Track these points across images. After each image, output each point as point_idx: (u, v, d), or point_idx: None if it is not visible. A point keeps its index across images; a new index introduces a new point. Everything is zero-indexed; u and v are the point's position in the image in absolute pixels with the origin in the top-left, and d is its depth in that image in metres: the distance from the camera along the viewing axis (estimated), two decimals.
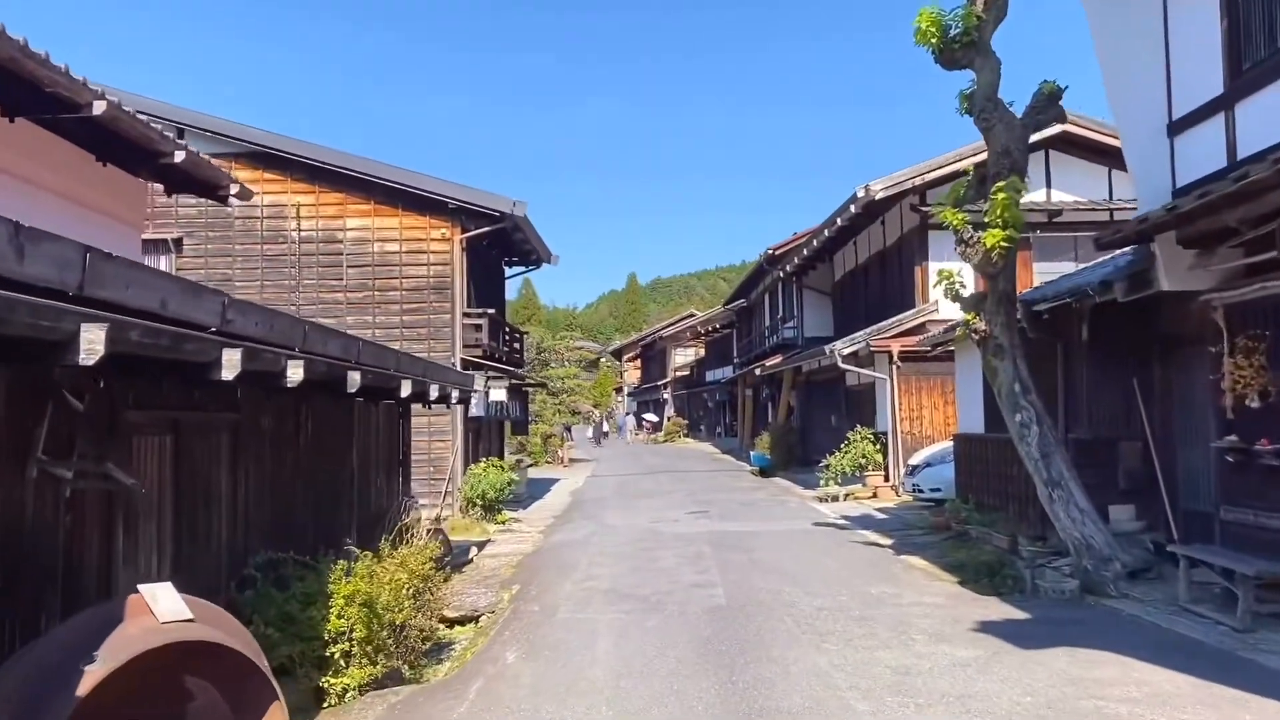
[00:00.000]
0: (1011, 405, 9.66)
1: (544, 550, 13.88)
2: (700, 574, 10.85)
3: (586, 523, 17.03)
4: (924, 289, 20.47)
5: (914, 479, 17.02)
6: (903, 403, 19.54)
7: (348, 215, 18.60)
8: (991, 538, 11.80)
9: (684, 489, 23.01)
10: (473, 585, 11.50)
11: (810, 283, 29.89)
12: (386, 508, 12.51)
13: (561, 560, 12.57)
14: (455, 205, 18.23)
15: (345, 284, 18.47)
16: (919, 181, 19.88)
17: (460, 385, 12.51)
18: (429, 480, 18.14)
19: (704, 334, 50.68)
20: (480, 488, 17.35)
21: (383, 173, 18.19)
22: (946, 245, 20.93)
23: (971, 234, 9.68)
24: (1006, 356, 9.68)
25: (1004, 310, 9.73)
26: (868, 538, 13.66)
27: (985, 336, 9.73)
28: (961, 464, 14.09)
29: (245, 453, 7.22)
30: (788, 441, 27.70)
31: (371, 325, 18.41)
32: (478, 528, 17.01)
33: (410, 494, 15.25)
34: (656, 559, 12.11)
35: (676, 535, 14.37)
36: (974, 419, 13.41)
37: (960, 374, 14.39)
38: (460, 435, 18.19)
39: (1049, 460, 9.43)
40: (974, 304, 9.91)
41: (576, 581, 10.81)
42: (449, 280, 18.39)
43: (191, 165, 10.40)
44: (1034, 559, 10.33)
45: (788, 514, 17.09)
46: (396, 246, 18.55)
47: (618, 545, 13.64)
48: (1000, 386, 9.75)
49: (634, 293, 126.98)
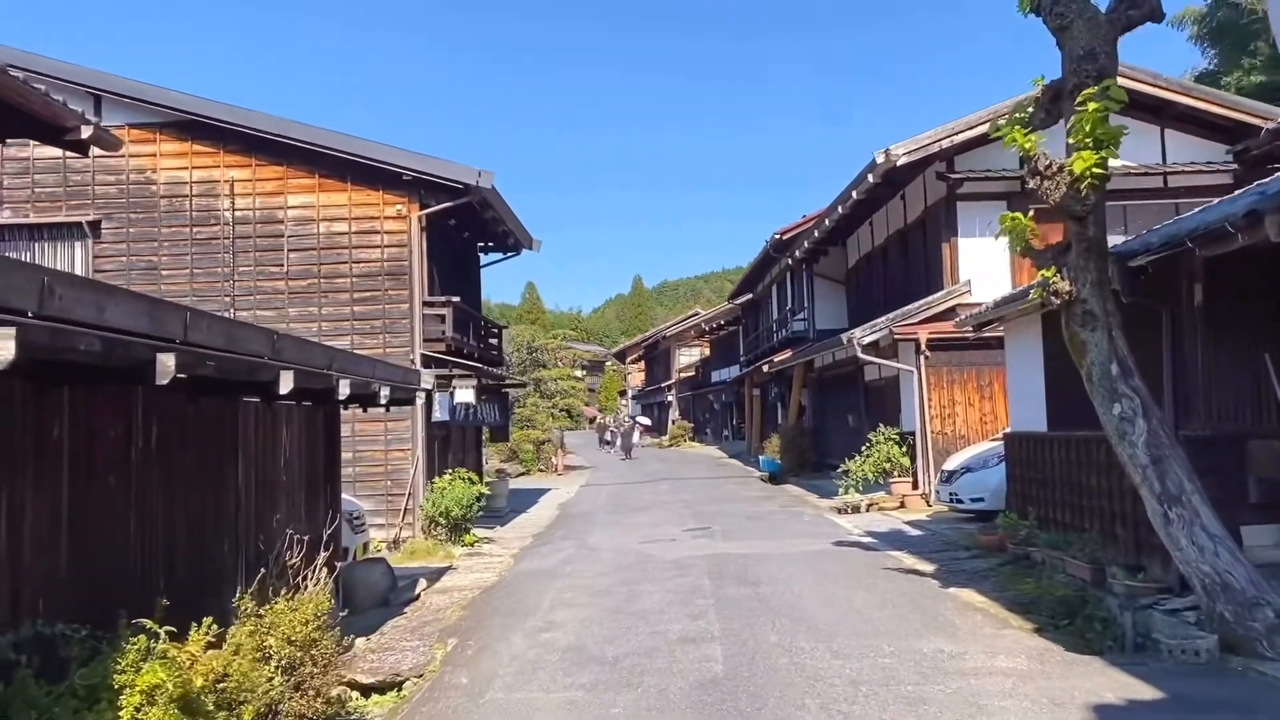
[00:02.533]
0: (1107, 393, 7.11)
1: (507, 583, 11.36)
2: (693, 620, 8.31)
3: (566, 543, 14.51)
4: (953, 268, 17.93)
5: (951, 486, 14.46)
6: (932, 398, 16.98)
7: (289, 191, 16.13)
8: (1065, 564, 9.24)
9: (684, 499, 20.46)
10: (406, 635, 9.01)
11: (821, 270, 27.35)
12: (305, 537, 10.04)
13: (523, 598, 10.06)
14: (411, 177, 15.74)
15: (287, 270, 15.99)
16: (946, 144, 17.34)
17: (395, 381, 9.98)
18: (386, 496, 15.68)
19: (709, 332, 48.16)
20: (443, 504, 14.85)
21: (328, 141, 15.71)
22: (978, 218, 18.41)
23: (1049, 161, 7.15)
24: (1099, 326, 7.14)
25: (1094, 264, 7.19)
26: (903, 562, 11.10)
27: (1070, 299, 7.20)
28: (1015, 470, 11.54)
29: (15, 474, 4.74)
30: (799, 445, 25.14)
31: (317, 318, 15.95)
32: (440, 551, 14.55)
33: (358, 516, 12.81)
34: (639, 597, 9.58)
35: (670, 561, 11.84)
36: (1032, 414, 10.86)
37: (1012, 359, 11.83)
38: (421, 444, 15.69)
39: (1163, 467, 6.88)
40: (1054, 256, 7.37)
41: (531, 633, 8.29)
42: (406, 264, 15.91)
43: (16, 95, 7.92)
44: (1132, 597, 7.78)
45: (803, 530, 14.54)
46: (345, 226, 16.07)
47: (596, 576, 11.12)
48: (1090, 368, 7.20)
49: (640, 296, 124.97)
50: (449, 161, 15.76)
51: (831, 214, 21.43)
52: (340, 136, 15.81)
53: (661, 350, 61.81)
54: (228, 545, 7.72)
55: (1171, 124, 18.10)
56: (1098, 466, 9.01)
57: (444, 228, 17.62)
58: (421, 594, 11.34)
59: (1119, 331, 7.18)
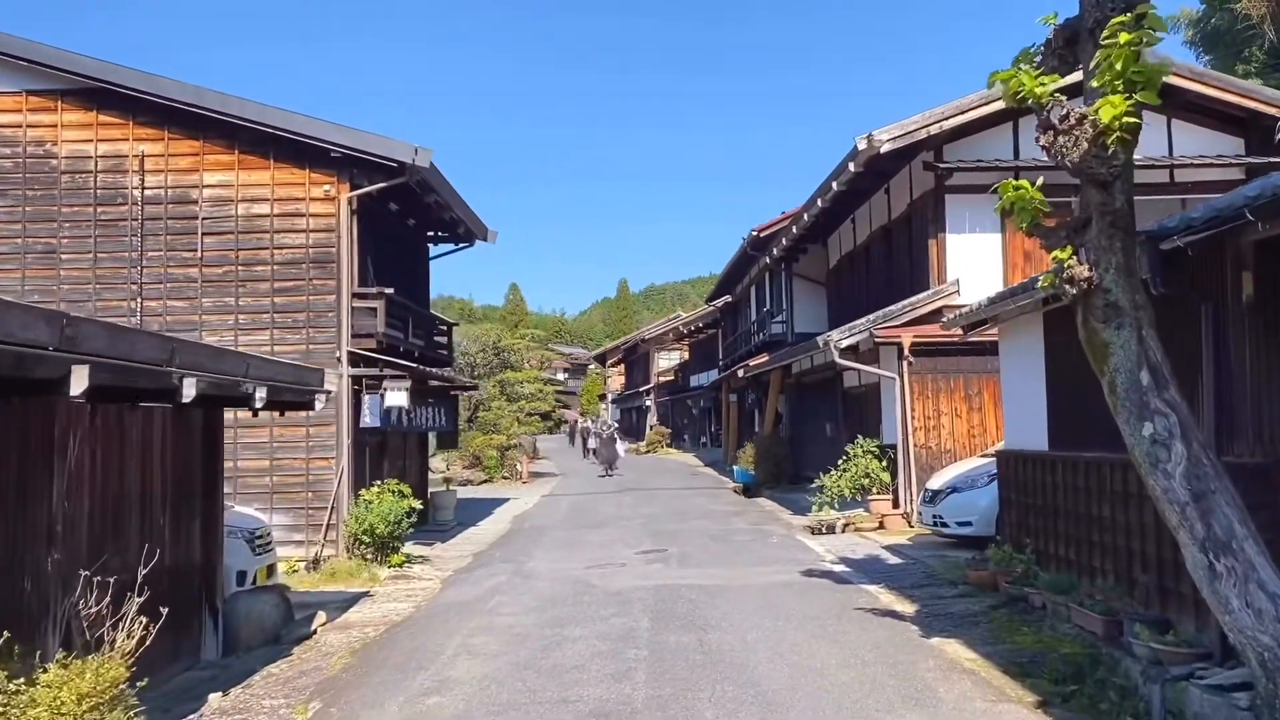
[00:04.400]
0: (1135, 408, 5.55)
1: (419, 618, 9.74)
2: (616, 683, 6.71)
3: (504, 567, 12.90)
4: (940, 267, 16.42)
5: (935, 508, 12.92)
6: (916, 408, 15.44)
7: (206, 168, 14.46)
8: (1070, 612, 7.69)
9: (647, 514, 18.86)
10: (275, 689, 7.41)
11: (801, 270, 25.83)
12: (171, 566, 8.41)
13: (426, 641, 8.44)
14: (340, 154, 14.10)
15: (201, 256, 14.32)
16: (935, 130, 15.82)
17: (278, 381, 8.35)
18: (307, 510, 14.04)
19: (687, 335, 46.57)
20: (367, 520, 13.22)
21: (248, 113, 14.06)
22: (968, 212, 16.90)
23: (1065, 110, 5.60)
24: (1126, 323, 5.59)
25: (1121, 244, 5.64)
26: (878, 600, 9.53)
27: (1089, 288, 5.63)
28: (1010, 494, 9.99)
29: None
30: (775, 455, 23.57)
31: (233, 309, 14.31)
32: (364, 573, 12.94)
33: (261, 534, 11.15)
34: (562, 645, 7.97)
35: (612, 594, 10.25)
36: (1031, 430, 9.31)
37: (1008, 365, 10.28)
38: (347, 452, 14.05)
39: (1207, 505, 5.33)
40: (1069, 234, 5.80)
41: (414, 696, 6.67)
42: (334, 251, 14.27)
43: None
44: (1159, 663, 6.24)
45: (769, 555, 12.96)
46: (267, 208, 14.42)
47: (522, 613, 9.52)
48: (1113, 376, 5.64)
49: (625, 299, 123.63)
50: (383, 137, 14.14)
51: (810, 208, 19.89)
52: (262, 108, 14.17)
53: (641, 354, 60.18)
54: (30, 583, 6.11)
55: (1179, 113, 16.64)
56: (1114, 496, 7.48)
57: (381, 213, 16.00)
58: (319, 630, 9.73)
59: (1151, 330, 5.63)
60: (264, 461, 14.17)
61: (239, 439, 14.08)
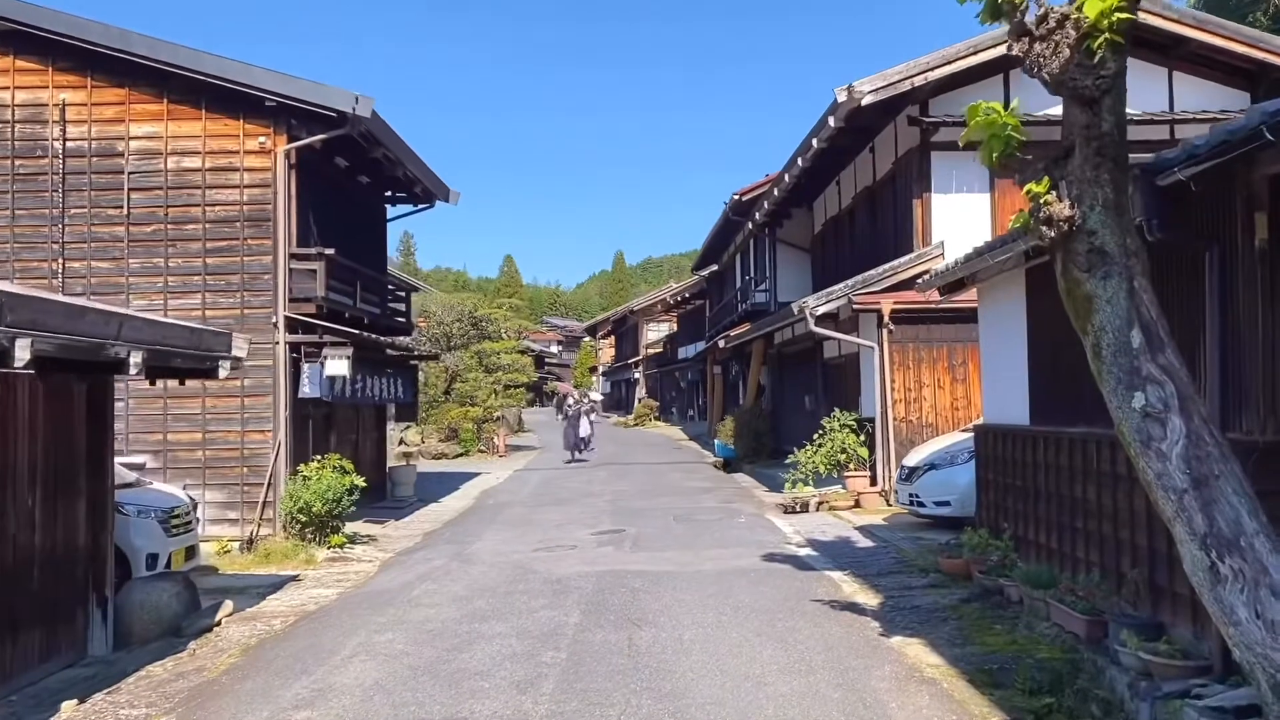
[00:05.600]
0: (1124, 375, 4.58)
1: (334, 609, 8.82)
2: (520, 694, 5.77)
3: (446, 549, 11.99)
4: (924, 229, 15.40)
5: (911, 487, 11.98)
6: (895, 379, 14.47)
7: (133, 119, 13.37)
8: (1049, 609, 6.75)
9: (617, 490, 17.95)
10: (144, 694, 6.49)
11: (785, 237, 24.78)
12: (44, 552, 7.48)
13: (325, 639, 7.51)
14: (276, 103, 13.00)
15: (128, 213, 13.26)
16: (920, 82, 14.74)
17: (160, 344, 7.33)
18: (242, 486, 13.08)
19: (675, 306, 45.55)
20: (303, 498, 12.28)
21: (179, 59, 12.94)
22: (955, 171, 15.83)
23: (1043, 9, 4.58)
24: (1115, 272, 4.60)
25: (1109, 176, 4.63)
26: (840, 590, 8.60)
27: (1070, 229, 4.63)
28: (987, 473, 9.03)
29: None
30: (756, 428, 22.64)
31: (163, 270, 13.26)
32: (301, 554, 12.03)
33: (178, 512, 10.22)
34: (474, 644, 7.04)
35: (549, 581, 9.32)
36: (1011, 403, 8.34)
37: (987, 330, 9.29)
38: (285, 424, 13.08)
39: (1209, 492, 4.37)
40: (1048, 165, 4.79)
41: (285, 709, 5.74)
42: (270, 208, 13.22)
43: None
44: (1148, 675, 5.31)
45: (732, 537, 12.03)
46: (199, 162, 13.34)
47: (444, 603, 8.59)
48: (1098, 336, 4.66)
49: (621, 272, 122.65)
50: (320, 84, 13.03)
51: (791, 169, 18.81)
52: (194, 54, 13.04)
53: (630, 325, 59.13)
54: None
55: (1181, 65, 15.56)
56: (1100, 477, 6.52)
57: (327, 169, 14.93)
58: (223, 621, 8.79)
59: (1144, 281, 4.64)
60: (196, 434, 13.21)
61: (169, 410, 13.17)
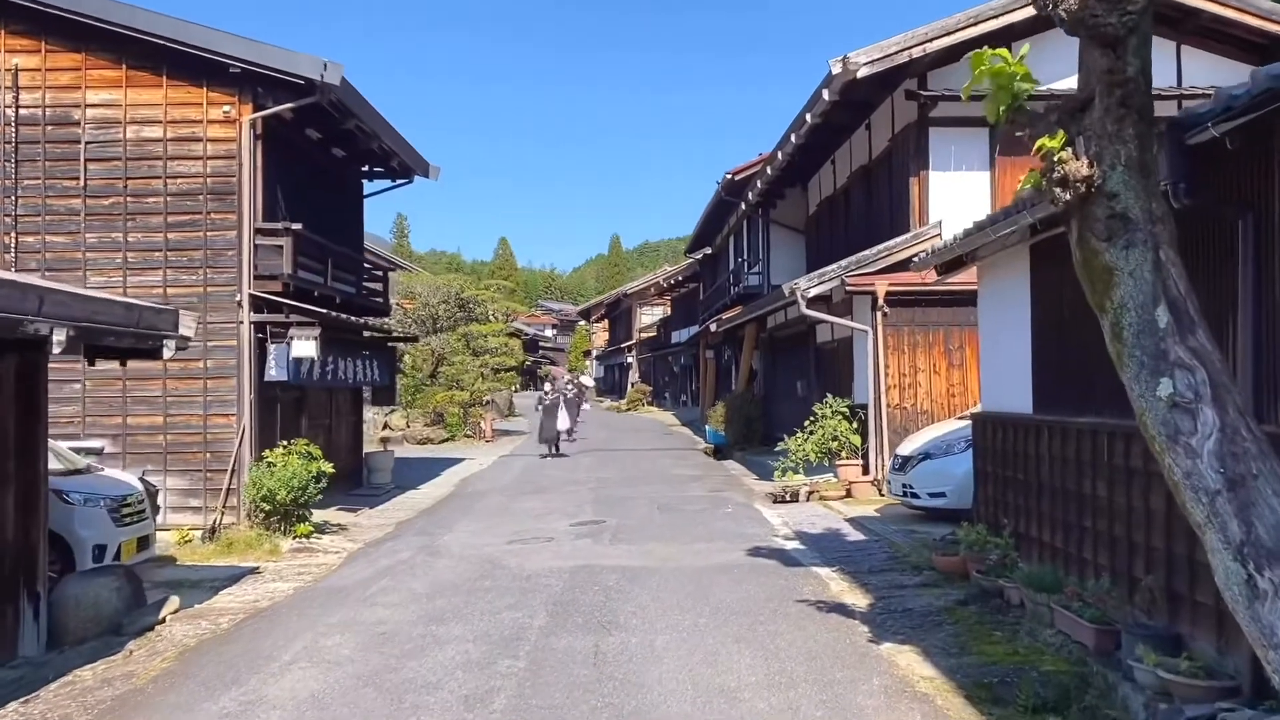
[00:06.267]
0: (1148, 357, 3.99)
1: (284, 606, 8.24)
2: (466, 712, 5.19)
3: (416, 540, 11.42)
4: (921, 208, 14.79)
5: (904, 477, 11.41)
6: (890, 364, 13.87)
7: (90, 85, 12.70)
8: (1054, 615, 6.18)
9: (600, 478, 17.38)
10: (56, 707, 5.89)
11: (779, 218, 24.14)
12: None
13: (267, 642, 6.93)
14: (241, 69, 12.33)
15: (84, 185, 12.61)
16: (918, 53, 14.09)
17: (87, 321, 6.73)
18: (205, 473, 12.51)
19: (669, 289, 44.91)
20: (265, 486, 11.68)
21: (137, 22, 12.24)
22: (954, 147, 15.19)
23: None
24: (1138, 241, 4.01)
25: (1133, 130, 4.03)
26: (828, 588, 8.03)
27: (1088, 190, 4.03)
28: (986, 465, 8.45)
29: None
30: (747, 414, 22.06)
31: (122, 246, 12.63)
32: (265, 544, 11.46)
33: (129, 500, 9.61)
34: (426, 651, 6.45)
35: (518, 578, 8.75)
36: (1012, 389, 7.75)
37: (987, 312, 8.68)
38: (249, 408, 12.47)
39: (1246, 494, 3.80)
40: (1062, 117, 4.18)
41: None
42: (235, 180, 12.58)
43: None
44: (1167, 694, 4.74)
45: (718, 528, 11.47)
46: (160, 131, 12.68)
47: (403, 602, 8.01)
48: (1118, 314, 4.07)
49: (617, 256, 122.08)
50: (287, 50, 12.36)
51: (785, 146, 18.15)
52: (153, 16, 12.35)
53: (624, 309, 58.47)
54: None
55: (1190, 39, 14.92)
56: (1111, 472, 5.93)
57: (298, 142, 14.26)
58: (167, 618, 8.21)
59: (1172, 251, 4.05)
60: (157, 418, 12.60)
61: (129, 393, 12.58)
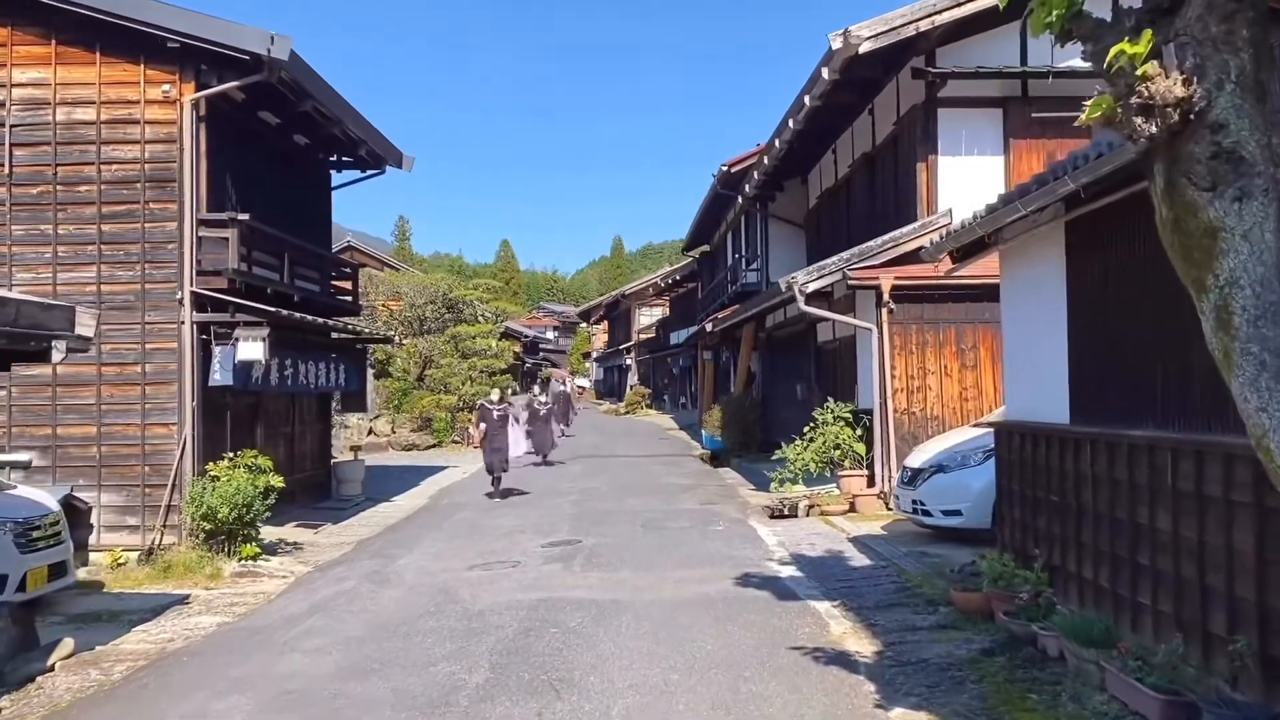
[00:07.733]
0: (1273, 356, 2.81)
1: (200, 648, 7.07)
2: None
3: (370, 564, 10.26)
4: (930, 195, 13.60)
5: (914, 491, 10.20)
6: (897, 365, 12.67)
7: (16, 63, 11.56)
8: (1104, 676, 4.98)
9: (585, 489, 16.19)
10: None
11: (778, 212, 22.96)
12: None
13: (153, 706, 5.76)
14: (180, 44, 11.16)
15: (9, 172, 11.46)
16: (925, 27, 12.90)
17: None
18: (143, 488, 11.35)
19: (667, 289, 43.73)
20: (205, 504, 10.52)
21: None
22: (965, 130, 13.95)
23: None
24: (1256, 190, 2.83)
25: (1248, 35, 2.85)
26: (828, 630, 6.83)
27: (1184, 120, 2.85)
28: (1014, 483, 7.24)
29: None
30: (745, 419, 20.85)
31: (51, 239, 11.48)
32: (206, 567, 10.35)
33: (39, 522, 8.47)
34: (337, 716, 5.28)
35: (468, 615, 7.56)
36: (1043, 394, 6.55)
37: (1011, 303, 7.48)
38: (191, 416, 11.30)
39: None
40: (1141, 21, 3.01)
41: None
42: (175, 166, 11.43)
43: None
44: None
45: (705, 550, 10.27)
46: (93, 113, 11.53)
47: (325, 649, 6.83)
48: (1227, 291, 2.90)
49: (619, 258, 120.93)
50: (230, 23, 11.20)
51: (783, 132, 16.94)
52: None
53: (622, 310, 57.28)
54: None
55: None
56: (1179, 499, 4.74)
57: (251, 126, 13.10)
58: (57, 665, 7.04)
59: None
60: (90, 428, 11.45)
61: (59, 400, 11.45)
